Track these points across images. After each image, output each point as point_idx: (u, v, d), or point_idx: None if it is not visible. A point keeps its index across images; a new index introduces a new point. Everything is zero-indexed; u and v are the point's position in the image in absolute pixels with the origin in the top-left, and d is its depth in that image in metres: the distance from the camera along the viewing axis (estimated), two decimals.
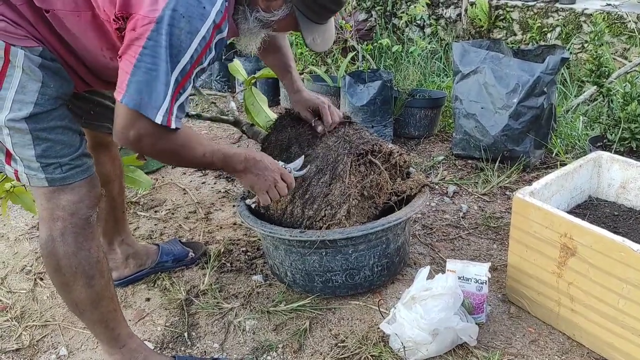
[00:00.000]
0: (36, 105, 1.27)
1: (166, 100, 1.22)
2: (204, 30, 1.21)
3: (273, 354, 1.66)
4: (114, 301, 1.49)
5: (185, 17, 1.18)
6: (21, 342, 1.78)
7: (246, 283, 1.99)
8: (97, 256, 1.40)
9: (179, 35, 1.19)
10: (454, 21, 4.56)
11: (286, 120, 1.93)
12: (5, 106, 1.26)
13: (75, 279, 1.38)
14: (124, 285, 2.00)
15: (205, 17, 1.21)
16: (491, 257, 2.08)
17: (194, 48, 1.22)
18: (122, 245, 1.99)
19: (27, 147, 1.30)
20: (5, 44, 1.23)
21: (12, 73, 1.25)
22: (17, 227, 2.50)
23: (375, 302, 1.84)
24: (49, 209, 1.35)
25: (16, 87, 1.26)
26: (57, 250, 1.35)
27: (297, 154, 1.80)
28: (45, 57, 1.29)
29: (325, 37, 1.49)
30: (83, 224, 1.36)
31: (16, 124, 1.27)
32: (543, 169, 2.78)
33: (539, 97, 2.66)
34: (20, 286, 2.07)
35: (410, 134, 3.31)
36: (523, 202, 1.63)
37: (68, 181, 1.34)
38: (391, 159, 1.86)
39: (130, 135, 1.26)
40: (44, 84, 1.28)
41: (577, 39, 3.81)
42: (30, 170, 1.32)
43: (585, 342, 1.60)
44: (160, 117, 1.23)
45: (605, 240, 1.43)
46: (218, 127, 3.74)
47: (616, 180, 1.93)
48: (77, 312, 1.45)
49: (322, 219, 1.71)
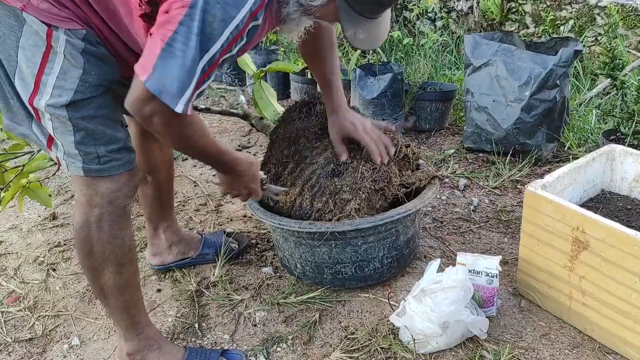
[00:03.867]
0: (76, 92, 1.26)
1: (189, 89, 1.18)
2: (239, 18, 1.16)
3: (283, 345, 1.67)
4: (138, 290, 1.50)
5: (220, 3, 1.13)
6: (34, 332, 1.80)
7: (256, 275, 2.00)
8: (129, 245, 1.42)
9: (211, 23, 1.14)
10: (466, 14, 4.53)
11: (294, 113, 1.92)
12: (47, 91, 1.25)
13: (106, 266, 1.39)
14: (164, 271, 2.03)
15: (241, 3, 1.15)
16: (502, 250, 2.07)
17: (226, 36, 1.16)
18: (166, 231, 2.00)
19: (67, 133, 1.30)
20: (48, 29, 1.21)
21: (53, 59, 1.24)
22: (30, 219, 2.53)
23: (385, 294, 1.84)
24: (87, 195, 1.35)
25: (57, 73, 1.25)
26: (91, 236, 1.36)
27: (305, 146, 1.80)
28: (89, 41, 1.27)
29: (371, 35, 1.34)
30: (120, 212, 1.37)
31: (56, 110, 1.27)
32: (555, 163, 2.76)
33: (551, 90, 2.63)
34: (33, 277, 2.10)
35: (421, 127, 3.30)
36: (535, 195, 1.62)
37: (104, 173, 1.33)
38: (400, 151, 1.85)
39: (144, 110, 1.22)
40: (85, 71, 1.26)
41: (590, 32, 3.77)
42: (69, 157, 1.32)
43: (597, 336, 1.59)
44: (181, 107, 1.19)
45: (617, 234, 1.42)
46: (228, 120, 3.75)
47: (629, 173, 1.91)
48: (102, 296, 1.46)
49: (331, 212, 1.71)
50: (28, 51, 1.24)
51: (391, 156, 1.78)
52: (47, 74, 1.25)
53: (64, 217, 2.54)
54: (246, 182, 1.60)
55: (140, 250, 2.18)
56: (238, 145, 3.29)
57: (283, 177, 1.80)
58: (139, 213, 2.48)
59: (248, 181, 1.60)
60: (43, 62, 1.24)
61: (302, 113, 1.89)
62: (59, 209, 2.60)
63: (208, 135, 1.40)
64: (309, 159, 1.78)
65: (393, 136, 1.85)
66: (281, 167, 1.82)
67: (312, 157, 1.78)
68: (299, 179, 1.76)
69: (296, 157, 1.80)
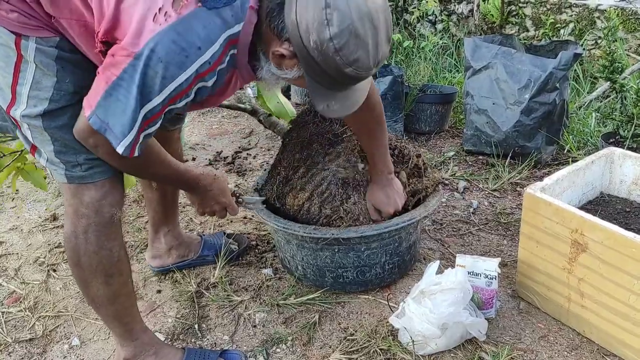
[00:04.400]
0: (51, 101, 1.25)
1: (131, 134, 1.17)
2: (183, 77, 1.14)
3: (282, 346, 1.67)
4: (130, 298, 1.50)
5: (162, 62, 1.11)
6: (34, 332, 1.80)
7: (256, 276, 2.00)
8: (118, 255, 1.40)
9: (153, 78, 1.12)
10: (466, 17, 4.54)
11: (308, 117, 1.90)
12: (22, 101, 1.25)
13: (94, 277, 1.39)
14: (164, 273, 2.04)
15: (185, 66, 1.13)
16: (501, 252, 2.07)
17: (168, 92, 1.15)
18: (167, 235, 2.01)
19: (46, 142, 1.29)
20: (16, 38, 1.20)
21: (25, 68, 1.22)
22: (31, 220, 2.53)
23: (385, 296, 1.84)
24: (73, 205, 1.34)
25: (30, 82, 1.23)
26: (79, 246, 1.36)
27: (317, 152, 1.80)
28: (62, 48, 1.24)
29: (346, 104, 1.29)
30: (106, 222, 1.36)
31: (31, 120, 1.26)
32: (555, 166, 2.76)
33: (551, 93, 2.64)
34: (33, 277, 2.10)
35: (420, 129, 3.30)
36: (534, 198, 1.63)
37: (86, 180, 1.32)
38: (411, 161, 1.87)
39: (89, 141, 1.23)
40: (59, 79, 1.25)
41: (590, 35, 3.78)
42: (52, 165, 1.33)
43: (595, 339, 1.60)
44: (122, 149, 1.18)
45: (616, 236, 1.43)
46: (229, 122, 3.76)
47: (628, 176, 1.91)
48: (94, 305, 1.47)
49: (342, 219, 1.72)
50: (1, 62, 1.23)
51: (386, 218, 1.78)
52: (20, 84, 1.23)
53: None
54: (214, 197, 1.57)
55: (141, 252, 2.19)
56: (238, 147, 3.30)
57: (293, 180, 1.80)
58: (139, 214, 2.49)
59: (216, 195, 1.57)
60: (16, 72, 1.23)
61: (317, 117, 1.88)
62: (60, 210, 2.61)
63: (162, 162, 1.38)
64: (321, 164, 1.77)
65: (405, 145, 1.86)
66: (292, 170, 1.81)
67: (325, 164, 1.77)
68: (309, 184, 1.76)
69: (308, 161, 1.79)
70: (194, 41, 1.13)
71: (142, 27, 1.11)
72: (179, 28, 1.12)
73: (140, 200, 2.59)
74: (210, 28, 1.15)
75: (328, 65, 1.15)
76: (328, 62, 1.14)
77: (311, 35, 1.12)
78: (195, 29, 1.13)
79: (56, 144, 1.29)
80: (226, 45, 1.18)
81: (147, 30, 1.11)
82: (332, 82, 1.21)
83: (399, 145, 1.88)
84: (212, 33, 1.15)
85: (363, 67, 1.17)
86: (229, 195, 1.63)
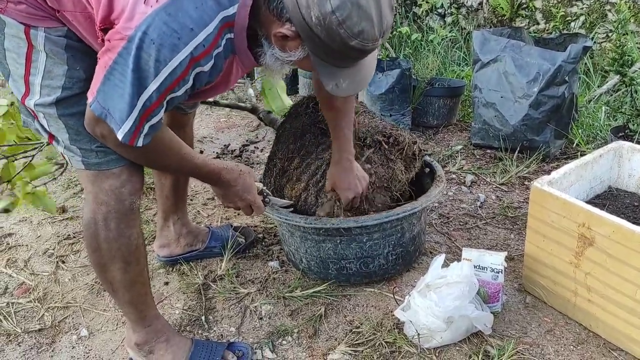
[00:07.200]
0: (64, 89, 1.26)
1: (129, 119, 1.16)
2: (176, 62, 1.12)
3: (288, 338, 1.68)
4: (145, 285, 1.51)
5: (155, 44, 1.09)
6: (43, 323, 1.82)
7: (263, 269, 2.01)
8: (136, 243, 1.41)
9: (147, 61, 1.10)
10: (476, 10, 4.51)
11: (301, 108, 1.92)
12: (36, 91, 1.26)
13: (113, 263, 1.40)
14: (172, 264, 2.05)
15: (178, 48, 1.11)
16: (508, 246, 2.07)
17: (163, 77, 1.13)
18: (176, 223, 2.02)
19: (61, 130, 1.31)
20: (25, 27, 1.21)
21: (37, 58, 1.24)
22: (40, 212, 2.55)
23: (390, 289, 1.85)
24: (93, 192, 1.35)
25: (42, 72, 1.25)
26: (98, 233, 1.36)
27: (311, 142, 1.80)
28: (70, 37, 1.25)
29: (355, 80, 1.27)
30: (126, 210, 1.36)
31: (45, 108, 1.28)
32: (563, 160, 2.75)
33: (560, 87, 2.62)
34: (42, 268, 2.12)
35: (428, 123, 3.29)
36: (541, 192, 1.62)
37: (103, 167, 1.33)
38: (407, 149, 1.86)
39: (96, 131, 1.24)
40: (70, 67, 1.25)
41: (601, 28, 3.74)
42: (69, 151, 1.34)
43: (602, 333, 1.59)
44: (122, 135, 1.17)
45: (623, 231, 1.42)
46: (236, 114, 3.76)
47: (637, 170, 1.90)
48: (110, 290, 1.48)
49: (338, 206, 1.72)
50: (13, 53, 1.25)
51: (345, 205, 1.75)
52: (33, 74, 1.25)
53: (74, 210, 2.56)
54: (238, 193, 1.53)
55: (149, 244, 2.20)
56: (246, 140, 3.31)
57: (289, 171, 1.81)
58: (147, 207, 2.50)
59: (240, 191, 1.53)
60: (27, 62, 1.24)
61: (309, 108, 1.90)
62: (69, 202, 2.63)
63: (175, 154, 1.36)
64: (315, 154, 1.79)
65: (400, 133, 1.86)
66: (287, 161, 1.83)
67: (318, 153, 1.79)
68: (304, 174, 1.77)
69: (302, 152, 1.81)
70: (186, 22, 1.11)
71: (134, 10, 1.11)
72: (170, 9, 1.10)
73: (147, 192, 2.61)
74: (203, 9, 1.13)
75: (333, 40, 1.12)
76: (332, 36, 1.12)
77: (312, 10, 1.09)
78: (187, 10, 1.11)
79: (70, 132, 1.31)
80: (221, 27, 1.16)
81: (139, 12, 1.10)
82: (338, 58, 1.19)
83: (394, 133, 1.86)
84: (205, 14, 1.13)
85: (369, 38, 1.13)
86: (255, 193, 1.57)
